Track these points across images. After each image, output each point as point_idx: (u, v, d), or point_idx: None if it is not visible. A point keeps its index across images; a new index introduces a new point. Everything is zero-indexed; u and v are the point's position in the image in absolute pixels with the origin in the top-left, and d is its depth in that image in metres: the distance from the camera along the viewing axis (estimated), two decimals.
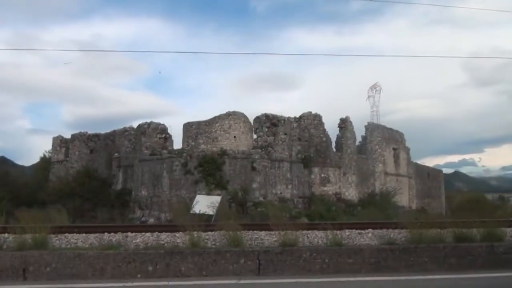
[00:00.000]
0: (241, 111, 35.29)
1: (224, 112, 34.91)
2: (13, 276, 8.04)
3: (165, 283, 7.88)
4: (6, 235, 9.79)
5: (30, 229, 8.97)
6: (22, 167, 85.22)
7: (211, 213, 20.43)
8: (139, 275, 8.22)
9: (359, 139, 39.73)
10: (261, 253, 8.62)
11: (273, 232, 10.23)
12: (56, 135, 47.65)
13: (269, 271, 8.50)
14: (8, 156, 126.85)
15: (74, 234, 10.56)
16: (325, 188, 33.68)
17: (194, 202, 22.49)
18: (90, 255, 8.29)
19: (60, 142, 46.85)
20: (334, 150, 35.66)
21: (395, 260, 8.88)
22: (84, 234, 10.52)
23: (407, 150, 45.86)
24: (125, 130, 40.29)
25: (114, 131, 42.59)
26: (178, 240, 9.83)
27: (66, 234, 10.40)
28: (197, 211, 20.58)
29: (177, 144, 35.01)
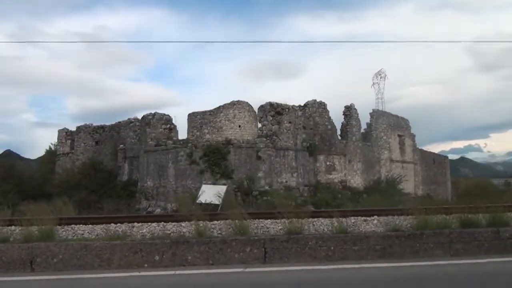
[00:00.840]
0: (246, 100, 35.25)
1: (229, 101, 34.88)
2: (20, 268, 8.11)
3: (172, 272, 7.92)
4: (13, 227, 9.87)
5: (37, 221, 9.02)
6: (28, 160, 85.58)
7: (217, 202, 20.50)
8: (146, 265, 8.27)
9: (364, 126, 39.69)
10: (266, 241, 8.65)
11: (278, 220, 10.26)
12: (61, 128, 47.84)
13: (275, 259, 8.54)
14: (14, 150, 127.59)
15: (81, 225, 10.62)
16: (331, 176, 33.70)
17: (200, 192, 22.57)
18: (97, 245, 8.34)
19: (65, 135, 47.03)
20: (339, 137, 35.65)
21: (400, 246, 8.89)
22: (90, 225, 10.57)
23: (412, 137, 45.74)
24: (130, 122, 40.37)
25: (119, 122, 42.72)
26: (184, 230, 9.86)
27: (73, 226, 10.46)
28: (203, 201, 20.67)
29: (182, 134, 35.07)
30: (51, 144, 53.83)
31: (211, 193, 21.58)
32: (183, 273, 7.85)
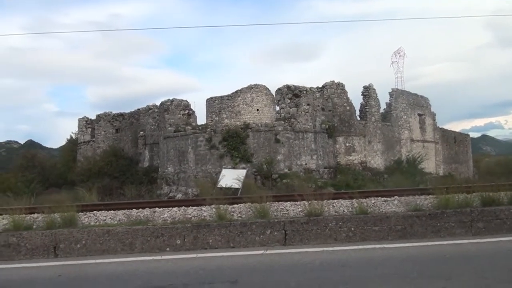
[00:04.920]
0: (263, 84, 35.22)
1: (246, 85, 34.89)
2: (44, 254, 8.27)
3: (194, 255, 8.00)
4: (36, 215, 10.05)
5: (59, 209, 9.17)
6: (50, 149, 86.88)
7: (237, 186, 20.59)
8: (167, 249, 8.37)
9: (383, 106, 39.34)
10: (286, 223, 8.68)
11: (298, 203, 10.29)
12: (81, 117, 48.36)
13: (295, 241, 8.57)
14: (35, 139, 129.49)
15: (103, 211, 10.77)
16: (351, 157, 33.57)
17: (220, 176, 22.68)
18: (119, 231, 8.46)
19: (85, 123, 47.56)
20: (359, 118, 35.43)
21: (421, 226, 8.85)
22: (112, 211, 10.72)
23: (432, 116, 45.22)
24: (149, 108, 40.63)
25: (138, 109, 43.05)
26: (205, 214, 9.93)
27: (95, 212, 10.62)
28: (223, 185, 20.78)
29: (201, 119, 35.25)
30: (72, 133, 54.57)
31: (231, 177, 21.67)
32: (204, 256, 7.93)
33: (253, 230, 8.59)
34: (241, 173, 22.42)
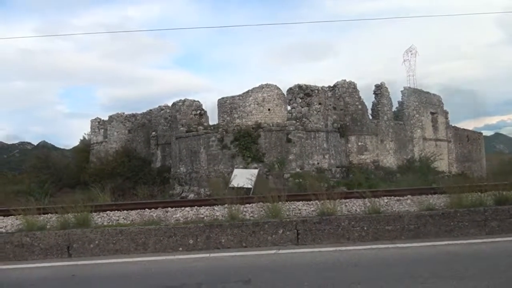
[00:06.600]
0: (274, 83, 35.15)
1: (257, 85, 34.84)
2: (58, 253, 8.33)
3: (207, 255, 8.02)
4: (49, 215, 10.11)
5: (72, 209, 9.23)
6: (63, 150, 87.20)
7: (249, 186, 20.58)
8: (180, 248, 8.40)
9: (395, 104, 39.15)
10: (299, 223, 8.66)
11: (310, 202, 10.28)
12: (93, 118, 48.65)
13: (307, 240, 8.55)
14: (48, 140, 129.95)
15: (116, 211, 10.84)
16: (363, 157, 33.49)
17: (232, 176, 22.69)
18: (132, 230, 8.50)
19: (98, 124, 47.84)
20: (371, 117, 35.33)
21: (434, 225, 8.79)
22: (125, 211, 10.78)
23: (445, 114, 44.88)
24: (161, 109, 40.83)
25: (151, 110, 43.28)
26: (217, 214, 9.96)
27: (108, 212, 10.69)
28: (235, 185, 20.78)
29: (213, 119, 35.30)
30: (85, 133, 54.92)
31: (243, 177, 21.67)
32: (217, 256, 7.94)
33: (265, 229, 8.59)
34: (253, 172, 22.42)
